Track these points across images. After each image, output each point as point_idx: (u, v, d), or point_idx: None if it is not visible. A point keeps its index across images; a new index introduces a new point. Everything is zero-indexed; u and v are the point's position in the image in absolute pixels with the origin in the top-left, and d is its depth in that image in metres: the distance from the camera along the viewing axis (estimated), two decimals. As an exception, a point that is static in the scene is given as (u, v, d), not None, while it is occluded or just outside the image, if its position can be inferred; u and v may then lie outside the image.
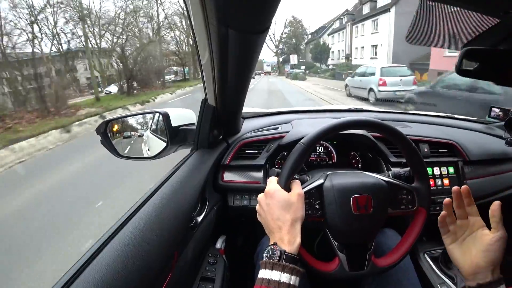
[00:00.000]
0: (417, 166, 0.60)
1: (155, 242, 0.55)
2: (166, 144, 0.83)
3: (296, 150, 0.55)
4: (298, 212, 0.51)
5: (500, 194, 0.94)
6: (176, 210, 0.66)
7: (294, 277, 0.45)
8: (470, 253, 0.51)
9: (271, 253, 0.47)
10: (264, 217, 0.53)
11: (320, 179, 0.59)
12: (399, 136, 0.58)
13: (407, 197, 0.59)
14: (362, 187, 0.56)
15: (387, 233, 0.79)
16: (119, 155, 0.85)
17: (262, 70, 43.64)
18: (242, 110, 0.93)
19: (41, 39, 13.71)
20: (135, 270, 0.48)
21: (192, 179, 0.76)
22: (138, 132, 0.94)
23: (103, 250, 0.47)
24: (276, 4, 0.40)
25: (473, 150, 0.96)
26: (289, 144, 0.92)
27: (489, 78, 0.57)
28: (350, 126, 0.58)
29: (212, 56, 0.57)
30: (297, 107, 1.33)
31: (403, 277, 0.69)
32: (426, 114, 1.30)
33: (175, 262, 0.62)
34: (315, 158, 1.02)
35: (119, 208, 2.64)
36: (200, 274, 0.81)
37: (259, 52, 0.56)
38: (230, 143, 0.97)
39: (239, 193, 0.94)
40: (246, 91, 0.78)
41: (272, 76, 37.68)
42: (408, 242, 0.59)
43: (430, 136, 0.97)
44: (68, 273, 0.43)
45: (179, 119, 0.88)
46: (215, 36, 0.49)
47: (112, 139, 0.85)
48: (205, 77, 0.71)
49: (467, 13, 0.48)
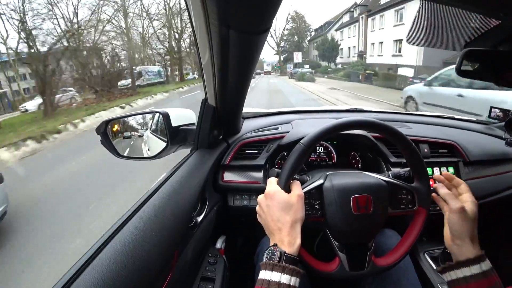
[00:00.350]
0: (417, 166, 0.60)
1: (155, 242, 0.55)
2: (166, 144, 0.83)
3: (296, 150, 0.55)
4: (298, 214, 0.51)
5: (500, 195, 0.95)
6: (176, 210, 0.66)
7: (294, 278, 0.45)
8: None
9: (271, 254, 0.48)
10: (264, 218, 0.53)
11: (320, 179, 0.59)
12: (399, 137, 0.58)
13: (407, 197, 0.59)
14: (362, 187, 0.57)
15: (387, 233, 0.79)
16: (119, 155, 0.85)
17: (262, 69, 43.10)
18: (242, 110, 0.93)
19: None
20: (135, 270, 0.48)
21: (192, 179, 0.76)
22: (138, 132, 0.94)
23: (103, 250, 0.47)
24: (277, 4, 0.40)
25: (473, 151, 0.96)
26: (289, 144, 0.92)
27: (489, 79, 0.57)
28: (350, 127, 0.58)
29: (212, 56, 0.57)
30: (297, 107, 1.33)
31: (403, 276, 0.69)
32: (426, 114, 1.30)
33: (175, 262, 0.62)
34: (315, 158, 1.02)
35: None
36: (200, 274, 0.81)
37: (260, 52, 0.56)
38: (230, 143, 0.97)
39: (239, 193, 0.94)
40: (246, 91, 0.78)
41: (272, 76, 35.63)
42: (408, 242, 0.60)
43: (430, 136, 0.97)
44: (68, 273, 0.43)
45: (179, 119, 0.88)
46: (216, 36, 0.49)
47: (112, 139, 0.85)
48: (206, 77, 0.71)
49: (468, 14, 0.48)
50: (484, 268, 0.49)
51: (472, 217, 0.53)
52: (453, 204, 0.53)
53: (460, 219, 0.52)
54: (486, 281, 0.48)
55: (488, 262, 0.50)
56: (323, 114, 1.26)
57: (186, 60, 24.90)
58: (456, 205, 0.53)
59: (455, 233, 0.53)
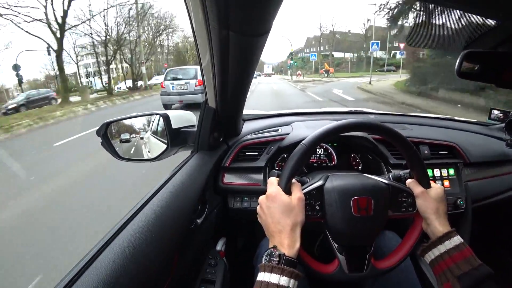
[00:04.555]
0: (417, 169, 0.60)
1: (155, 244, 0.55)
2: (166, 146, 0.83)
3: (297, 150, 0.55)
4: (298, 217, 0.51)
5: (500, 196, 0.94)
6: (176, 212, 0.66)
7: (293, 281, 0.45)
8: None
9: (270, 256, 0.48)
10: (264, 220, 0.53)
11: (321, 180, 0.59)
12: (400, 138, 0.58)
13: (408, 200, 0.59)
14: (363, 189, 0.56)
15: (387, 235, 0.79)
16: (119, 157, 0.85)
17: (262, 71, 42.42)
18: (243, 112, 0.93)
19: None
20: (135, 272, 0.48)
21: (192, 181, 0.76)
22: (139, 134, 0.94)
23: (103, 252, 0.47)
24: (277, 6, 0.41)
25: (473, 152, 0.96)
26: (289, 146, 0.92)
27: (489, 80, 0.57)
28: (351, 128, 0.58)
29: (212, 59, 0.57)
30: (297, 109, 1.33)
31: (404, 278, 0.69)
32: (426, 116, 1.30)
33: (175, 264, 0.61)
34: (316, 160, 1.02)
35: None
36: (200, 276, 0.81)
37: (260, 54, 0.57)
38: (230, 145, 0.97)
39: (239, 195, 0.94)
40: (246, 93, 0.78)
41: (276, 80, 24.74)
42: (408, 245, 0.59)
43: (430, 138, 0.97)
44: (68, 276, 0.43)
45: (180, 121, 0.88)
46: (216, 38, 0.49)
47: (112, 141, 0.85)
48: (206, 79, 0.71)
49: (468, 16, 0.48)
50: (454, 244, 0.52)
51: (434, 197, 0.57)
52: (416, 189, 0.58)
53: (423, 200, 0.56)
54: (459, 254, 0.51)
55: (458, 237, 0.53)
56: (323, 116, 1.27)
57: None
58: (418, 190, 0.57)
59: (422, 214, 0.57)
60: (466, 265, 0.49)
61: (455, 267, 0.50)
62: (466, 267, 0.49)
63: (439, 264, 0.52)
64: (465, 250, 0.51)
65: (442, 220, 0.55)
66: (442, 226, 0.54)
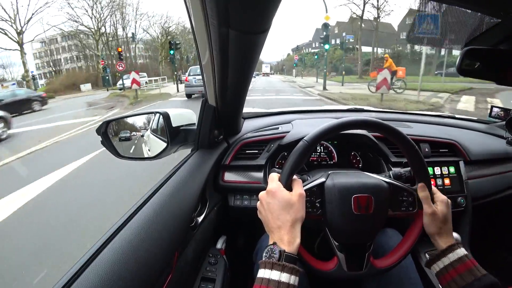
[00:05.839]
0: (418, 168, 0.60)
1: (155, 243, 0.55)
2: (166, 144, 0.83)
3: (299, 147, 0.55)
4: (298, 213, 0.51)
5: (500, 194, 0.94)
6: (176, 210, 0.66)
7: (293, 277, 0.45)
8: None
9: (270, 253, 0.48)
10: (264, 215, 0.53)
11: (322, 177, 0.59)
12: (400, 136, 0.58)
13: (408, 199, 0.59)
14: (364, 187, 0.56)
15: (388, 233, 0.79)
16: (119, 155, 0.85)
17: (260, 71, 41.68)
18: (243, 110, 0.93)
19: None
20: (135, 270, 0.48)
21: (192, 179, 0.76)
22: (139, 132, 0.94)
23: (103, 251, 0.47)
24: (276, 4, 0.40)
25: (474, 150, 0.95)
26: (289, 144, 0.92)
27: (490, 78, 0.57)
28: (352, 126, 0.58)
29: (212, 56, 0.57)
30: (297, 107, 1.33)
31: (405, 276, 0.69)
32: (427, 114, 1.30)
33: (175, 262, 0.62)
34: (316, 158, 1.02)
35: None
36: (200, 274, 0.81)
37: (260, 52, 0.56)
38: (231, 143, 0.97)
39: (239, 193, 0.94)
40: (246, 91, 0.78)
41: (280, 85, 18.81)
42: (407, 244, 0.59)
43: (431, 136, 0.97)
44: (67, 274, 0.43)
45: (180, 119, 0.88)
46: (216, 36, 0.49)
47: (112, 139, 0.85)
48: (206, 77, 0.71)
49: (469, 13, 0.48)
50: (457, 256, 0.54)
51: (441, 218, 0.57)
52: (426, 208, 0.57)
53: (430, 221, 0.57)
54: (463, 266, 0.52)
55: (462, 249, 0.55)
56: (323, 114, 1.26)
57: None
58: (429, 210, 0.57)
59: (427, 230, 0.58)
60: (470, 276, 0.51)
61: (459, 278, 0.52)
62: (469, 278, 0.51)
63: (444, 275, 0.54)
64: (468, 261, 0.53)
65: (445, 238, 0.57)
66: (445, 243, 0.56)
